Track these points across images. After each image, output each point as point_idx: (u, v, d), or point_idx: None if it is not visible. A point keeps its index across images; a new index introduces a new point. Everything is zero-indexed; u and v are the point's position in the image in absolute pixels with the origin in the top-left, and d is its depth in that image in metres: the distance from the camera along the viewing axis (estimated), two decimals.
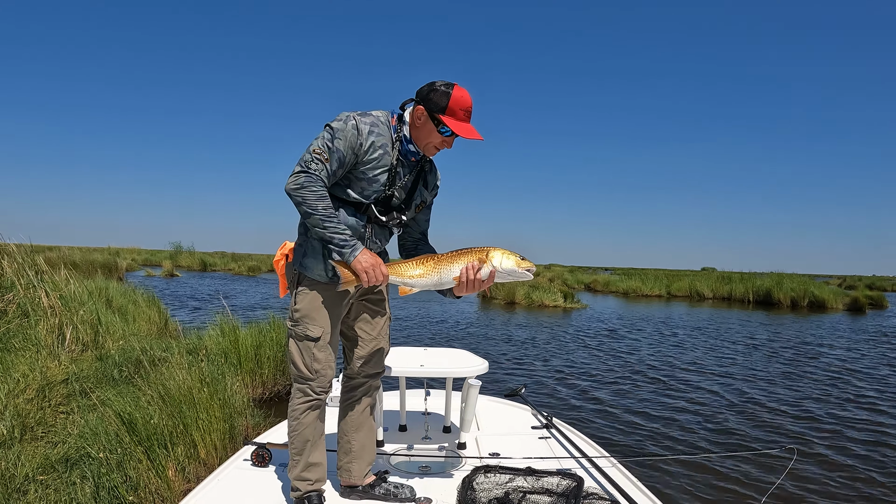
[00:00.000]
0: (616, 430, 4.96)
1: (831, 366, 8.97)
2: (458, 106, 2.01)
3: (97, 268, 17.30)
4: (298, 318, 2.12)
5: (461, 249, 2.04)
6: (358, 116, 2.00)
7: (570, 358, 8.69)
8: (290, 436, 2.17)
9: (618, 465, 2.69)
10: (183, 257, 41.46)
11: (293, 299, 2.15)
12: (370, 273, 1.97)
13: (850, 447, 4.66)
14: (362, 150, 2.00)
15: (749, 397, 6.30)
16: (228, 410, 3.63)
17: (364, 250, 1.98)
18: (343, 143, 1.97)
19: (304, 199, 1.93)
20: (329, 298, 2.13)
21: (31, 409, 3.83)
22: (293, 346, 2.15)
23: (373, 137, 2.01)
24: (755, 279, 26.24)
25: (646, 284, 28.72)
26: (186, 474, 3.14)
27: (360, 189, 2.06)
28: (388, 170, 2.06)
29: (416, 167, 2.18)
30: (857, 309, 22.18)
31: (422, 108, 2.03)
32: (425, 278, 2.04)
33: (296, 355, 2.14)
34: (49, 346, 5.08)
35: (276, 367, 5.47)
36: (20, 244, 7.24)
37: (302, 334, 2.11)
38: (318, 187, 1.94)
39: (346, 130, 1.97)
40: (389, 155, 2.06)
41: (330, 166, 1.97)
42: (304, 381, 2.14)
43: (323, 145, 1.96)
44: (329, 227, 1.94)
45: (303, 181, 1.93)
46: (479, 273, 1.99)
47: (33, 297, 5.88)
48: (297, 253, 2.14)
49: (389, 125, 2.09)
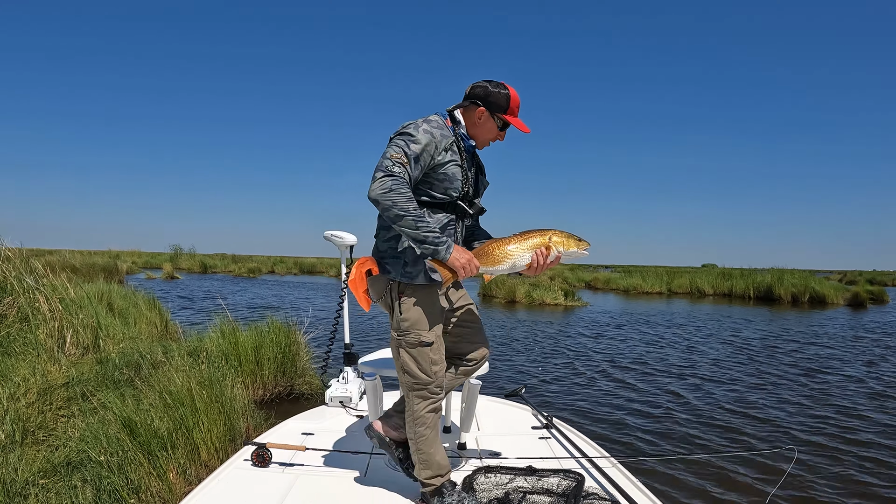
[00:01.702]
0: (616, 430, 4.95)
1: (832, 362, 8.97)
2: (515, 104, 2.23)
3: (97, 271, 17.30)
4: (408, 328, 2.18)
5: (525, 232, 2.15)
6: (424, 123, 2.12)
7: (571, 357, 8.69)
8: (418, 441, 2.24)
9: (618, 465, 2.69)
10: (183, 259, 41.47)
11: (398, 310, 2.19)
12: (467, 267, 2.06)
13: (851, 446, 4.64)
14: (437, 151, 2.11)
15: (750, 396, 6.28)
16: (229, 412, 3.64)
17: (456, 246, 2.06)
18: (419, 146, 2.06)
19: (394, 203, 1.96)
20: (433, 301, 2.22)
21: (31, 413, 3.83)
22: (406, 355, 2.20)
23: (444, 140, 2.13)
24: (756, 275, 26.21)
25: (646, 282, 28.71)
26: (188, 476, 3.14)
27: (444, 189, 2.17)
28: (461, 166, 2.19)
29: (473, 159, 2.33)
30: (858, 304, 22.20)
31: (482, 108, 2.22)
32: (503, 264, 2.14)
33: (412, 364, 2.20)
34: (49, 350, 5.09)
35: (276, 369, 5.47)
36: (20, 248, 7.24)
37: (416, 342, 2.18)
38: (406, 189, 1.99)
39: (418, 136, 2.07)
40: (457, 153, 2.18)
41: (411, 169, 2.04)
42: (424, 386, 2.22)
43: (400, 151, 2.03)
44: (422, 228, 1.99)
45: (390, 184, 1.96)
46: (547, 258, 2.13)
47: (33, 302, 5.88)
48: (395, 264, 2.19)
49: (447, 127, 2.19)
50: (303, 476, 2.56)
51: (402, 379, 2.27)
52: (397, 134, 2.10)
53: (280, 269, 44.80)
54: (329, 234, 3.90)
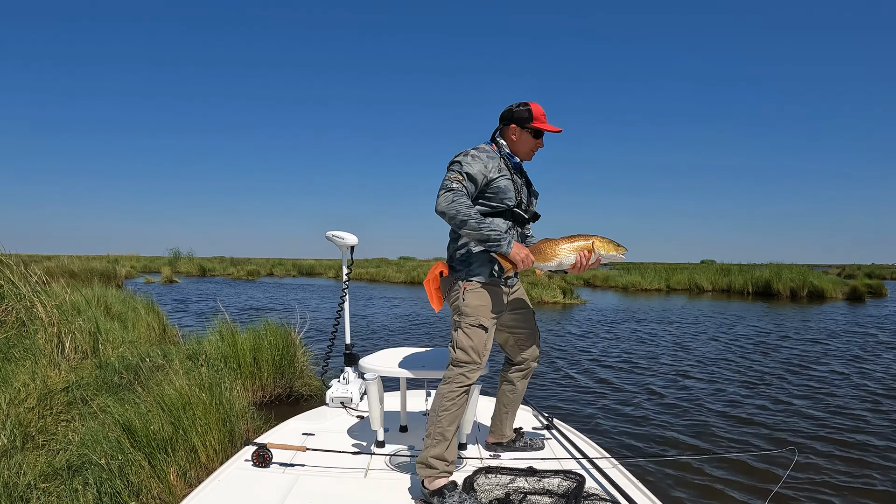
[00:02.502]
0: (617, 431, 4.93)
1: (830, 359, 8.98)
2: (539, 113, 2.58)
3: (96, 276, 17.31)
4: (469, 312, 2.48)
5: (573, 236, 2.48)
6: (473, 150, 2.49)
7: (570, 357, 8.70)
8: (440, 416, 2.43)
9: (618, 466, 2.69)
10: (182, 263, 41.49)
11: (462, 298, 2.50)
12: (525, 261, 2.38)
13: (852, 448, 4.56)
14: (487, 170, 2.46)
15: (751, 394, 6.25)
16: (228, 415, 3.65)
17: (515, 243, 2.39)
18: (472, 168, 2.42)
19: (458, 210, 2.31)
20: (493, 294, 2.54)
21: (32, 417, 3.84)
22: (462, 334, 2.48)
23: (491, 162, 2.49)
24: (754, 270, 26.22)
25: (645, 279, 28.71)
26: (188, 479, 3.16)
27: (500, 199, 2.52)
28: (510, 179, 2.53)
29: (522, 173, 2.70)
30: (857, 298, 22.22)
31: (514, 125, 2.60)
32: (553, 262, 2.45)
33: (465, 342, 2.47)
34: (49, 355, 5.10)
35: (275, 371, 5.48)
36: (18, 254, 7.25)
37: (476, 324, 2.47)
38: (465, 199, 2.34)
39: (470, 162, 2.44)
40: (505, 169, 2.53)
41: (467, 186, 2.40)
42: (467, 364, 2.48)
43: (456, 173, 2.41)
44: (484, 228, 2.33)
45: (452, 197, 2.33)
46: (589, 259, 2.43)
47: (31, 307, 5.89)
48: (462, 264, 2.54)
49: (493, 151, 2.56)
50: (303, 476, 2.57)
51: (454, 356, 2.50)
52: (452, 163, 2.46)
53: (279, 272, 44.81)
54: (331, 235, 3.95)
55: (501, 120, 2.65)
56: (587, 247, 2.43)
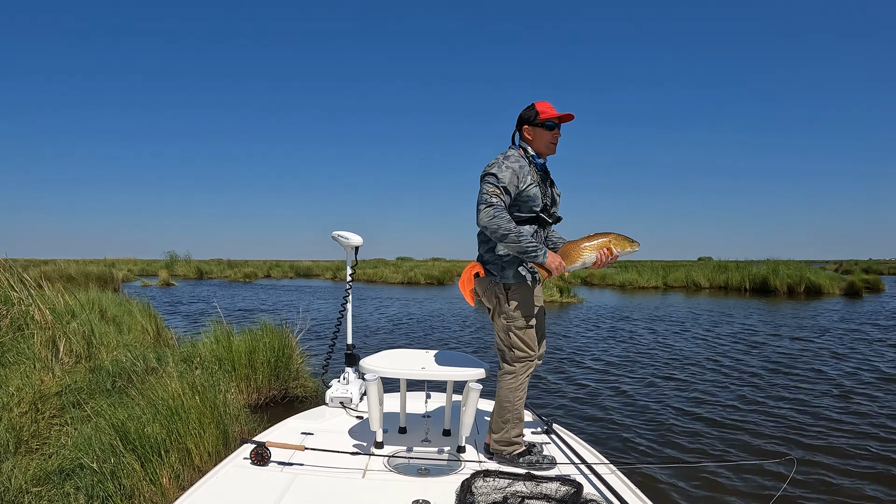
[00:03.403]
0: (615, 437, 4.89)
1: (829, 358, 8.99)
2: (545, 108, 2.73)
3: (92, 280, 17.28)
4: (518, 315, 2.70)
5: (592, 235, 2.69)
6: (504, 160, 2.64)
7: (569, 359, 8.67)
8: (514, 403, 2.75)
9: (617, 472, 2.68)
10: (179, 266, 41.44)
11: (505, 303, 2.72)
12: (559, 268, 2.60)
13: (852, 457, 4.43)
14: (518, 179, 2.61)
15: (751, 400, 6.13)
16: (222, 417, 3.64)
17: (549, 252, 2.59)
18: (507, 178, 2.58)
19: (499, 226, 2.50)
20: (532, 294, 2.75)
21: (25, 422, 3.83)
22: (515, 336, 2.72)
23: (522, 169, 2.64)
24: (751, 267, 26.27)
25: (642, 276, 28.76)
26: (181, 482, 3.15)
27: (529, 207, 2.69)
28: (538, 185, 2.69)
29: (546, 174, 2.84)
30: (854, 293, 22.29)
31: (526, 126, 2.75)
32: (577, 262, 2.68)
33: (519, 342, 2.72)
34: (43, 359, 5.08)
35: (270, 372, 5.47)
36: (15, 259, 7.24)
37: (524, 325, 2.71)
38: (505, 214, 2.53)
39: (503, 172, 2.59)
40: (533, 174, 2.69)
41: (505, 198, 2.57)
42: (528, 358, 2.76)
43: (493, 186, 2.57)
44: (523, 241, 2.53)
45: (493, 213, 2.51)
46: (608, 256, 2.65)
47: (26, 311, 5.87)
48: (496, 268, 2.73)
49: (521, 156, 2.72)
50: (301, 475, 2.56)
51: (508, 356, 2.76)
52: (486, 174, 2.61)
53: (276, 273, 44.81)
54: (336, 235, 3.95)
55: (517, 125, 2.82)
56: (605, 244, 2.65)
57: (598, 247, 2.65)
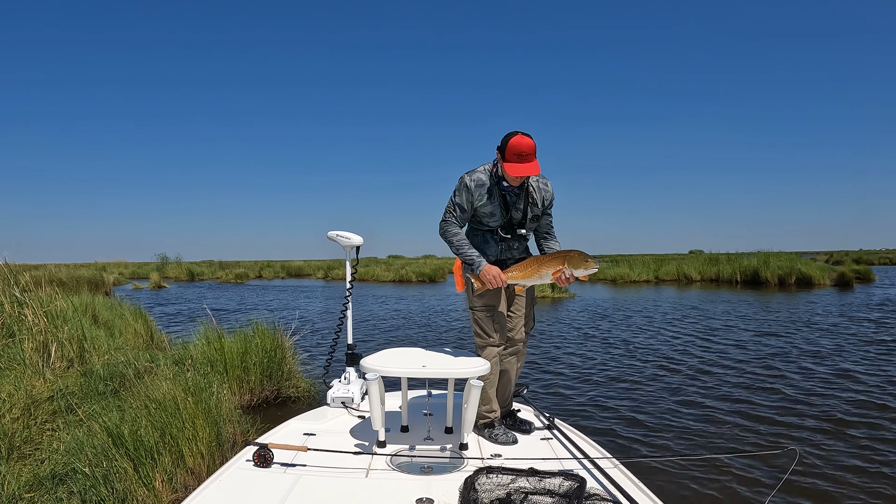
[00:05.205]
0: (618, 431, 4.90)
1: (825, 349, 9.03)
2: (512, 151, 2.74)
3: (84, 284, 17.18)
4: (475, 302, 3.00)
5: (554, 254, 2.88)
6: (467, 176, 2.92)
7: (566, 355, 8.67)
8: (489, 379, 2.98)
9: (620, 466, 2.68)
10: (170, 268, 41.27)
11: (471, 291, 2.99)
12: (493, 281, 2.83)
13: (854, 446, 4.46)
14: (473, 198, 2.91)
15: (751, 392, 6.13)
16: (215, 418, 3.64)
17: (486, 265, 2.86)
18: (460, 198, 2.93)
19: (446, 238, 2.97)
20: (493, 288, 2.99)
21: (17, 427, 3.82)
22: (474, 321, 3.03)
23: (477, 190, 2.90)
24: (742, 259, 26.36)
25: (634, 270, 28.84)
26: (174, 484, 3.16)
27: (486, 221, 2.98)
28: (496, 203, 2.92)
29: (523, 192, 2.98)
30: (845, 284, 22.44)
31: (498, 153, 2.86)
32: (531, 279, 2.87)
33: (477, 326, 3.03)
34: (34, 364, 5.06)
35: (262, 373, 5.47)
36: (6, 264, 7.19)
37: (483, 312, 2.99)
38: (454, 227, 2.96)
39: (461, 190, 2.91)
40: (493, 194, 2.91)
41: (458, 213, 2.95)
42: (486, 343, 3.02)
43: (451, 203, 2.96)
44: (462, 252, 2.92)
45: (444, 226, 2.98)
46: (564, 275, 2.80)
47: (18, 316, 5.84)
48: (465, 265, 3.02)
49: (490, 173, 2.93)
50: (304, 476, 2.56)
51: (475, 339, 3.07)
52: (454, 190, 2.95)
53: (267, 274, 44.67)
54: (334, 235, 3.82)
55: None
56: (559, 264, 2.80)
57: (552, 266, 2.81)
